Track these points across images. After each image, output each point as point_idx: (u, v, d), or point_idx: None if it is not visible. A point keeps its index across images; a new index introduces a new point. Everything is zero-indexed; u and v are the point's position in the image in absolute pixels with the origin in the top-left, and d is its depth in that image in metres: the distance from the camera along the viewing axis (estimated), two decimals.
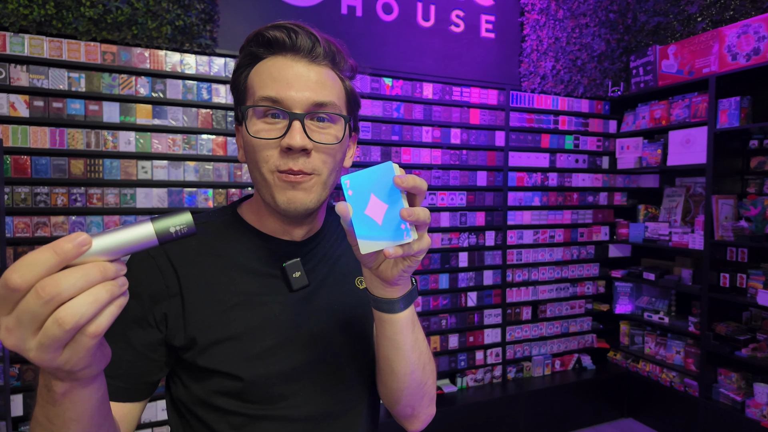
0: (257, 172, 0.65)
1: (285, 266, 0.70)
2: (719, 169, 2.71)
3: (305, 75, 0.64)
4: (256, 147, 0.64)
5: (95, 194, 2.12)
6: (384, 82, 2.64)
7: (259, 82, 0.64)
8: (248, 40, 0.66)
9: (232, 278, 0.68)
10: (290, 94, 0.62)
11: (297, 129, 0.62)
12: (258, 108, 0.64)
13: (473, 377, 2.95)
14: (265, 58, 0.65)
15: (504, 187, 2.97)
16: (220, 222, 0.73)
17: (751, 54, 2.54)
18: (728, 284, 2.67)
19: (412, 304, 0.64)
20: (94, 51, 2.09)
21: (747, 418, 2.52)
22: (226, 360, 0.65)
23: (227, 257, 0.70)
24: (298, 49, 0.64)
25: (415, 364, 0.67)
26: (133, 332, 0.65)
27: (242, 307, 0.68)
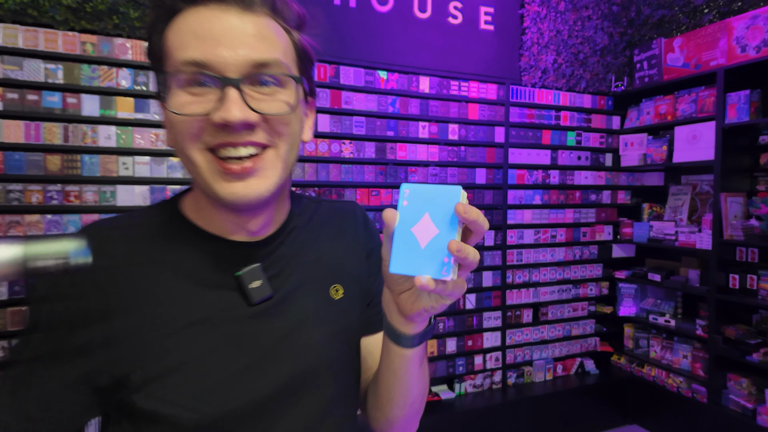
0: (186, 159, 0.52)
1: (240, 275, 0.56)
2: (728, 166, 2.61)
3: (238, 28, 0.50)
4: (181, 126, 0.50)
5: (73, 192, 2.01)
6: (379, 75, 2.54)
7: (179, 41, 0.50)
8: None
9: (174, 293, 0.55)
10: (220, 54, 0.49)
11: (233, 99, 0.49)
12: (179, 76, 0.49)
13: (472, 383, 2.84)
14: (184, 10, 0.50)
15: (504, 185, 2.86)
16: (157, 222, 0.59)
17: (761, 46, 2.44)
18: (738, 285, 2.56)
19: (425, 341, 0.57)
20: (72, 41, 1.98)
21: (759, 425, 2.42)
22: (171, 399, 0.52)
23: (167, 267, 0.55)
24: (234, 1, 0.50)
25: (416, 398, 0.63)
26: (46, 370, 0.51)
27: (189, 329, 0.54)
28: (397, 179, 2.60)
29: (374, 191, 2.55)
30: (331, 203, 0.72)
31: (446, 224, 0.46)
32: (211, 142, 0.50)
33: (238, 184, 0.51)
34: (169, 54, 0.51)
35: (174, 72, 0.49)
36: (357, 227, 0.71)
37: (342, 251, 0.68)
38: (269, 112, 0.51)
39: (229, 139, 0.50)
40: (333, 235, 0.68)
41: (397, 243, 0.48)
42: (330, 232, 0.68)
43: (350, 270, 0.67)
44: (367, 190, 2.53)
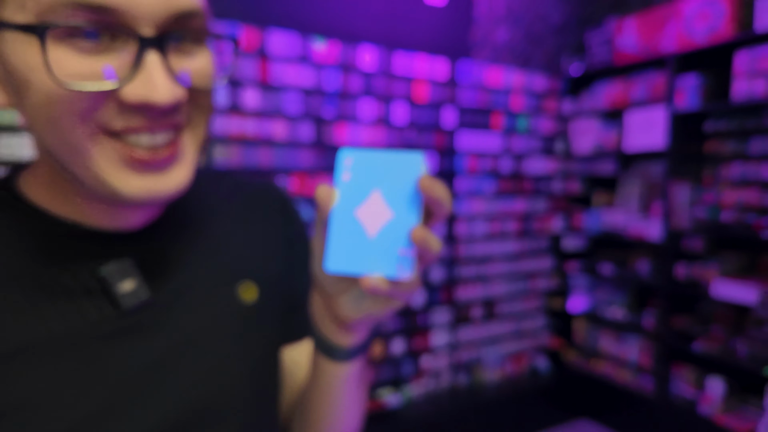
0: (63, 143, 0.35)
1: (103, 275, 0.41)
2: (676, 153, 2.57)
3: None
4: (61, 100, 0.33)
5: None
6: (315, 44, 2.23)
7: None
8: None
9: (15, 304, 0.38)
10: None
11: (158, 70, 0.34)
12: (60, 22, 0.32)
13: (419, 384, 2.65)
14: None
15: (452, 173, 2.68)
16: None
17: (708, 31, 2.39)
18: (685, 275, 2.55)
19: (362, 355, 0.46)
20: None
21: (701, 413, 2.44)
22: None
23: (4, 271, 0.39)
24: None
25: (350, 422, 0.50)
26: None
27: (34, 352, 0.38)
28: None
29: (312, 177, 2.27)
30: (240, 179, 0.56)
31: (404, 205, 0.35)
32: (114, 125, 0.35)
33: (150, 178, 0.38)
34: None
35: (48, 12, 0.31)
36: (273, 210, 0.55)
37: (253, 240, 0.52)
38: (199, 82, 0.38)
39: (144, 123, 0.36)
40: (241, 219, 0.52)
41: (335, 231, 0.36)
42: (237, 216, 0.52)
43: (266, 264, 0.53)
44: (302, 176, 2.24)
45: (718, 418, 2.35)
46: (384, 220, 0.35)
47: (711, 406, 2.41)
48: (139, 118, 0.35)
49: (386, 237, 0.35)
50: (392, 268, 0.35)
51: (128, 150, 0.36)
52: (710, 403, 2.42)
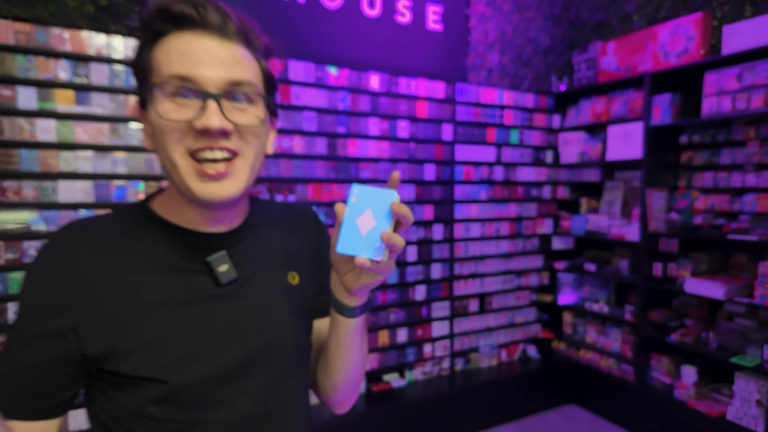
0: (167, 159, 0.60)
1: (209, 260, 0.65)
2: (653, 163, 2.83)
3: (218, 52, 0.59)
4: (165, 129, 0.58)
5: (11, 187, 1.94)
6: (329, 71, 2.57)
7: (166, 59, 0.58)
8: (150, 14, 0.59)
9: (149, 278, 0.63)
10: (202, 72, 0.57)
11: (213, 109, 0.57)
12: (165, 88, 0.58)
13: (422, 370, 2.96)
14: (171, 33, 0.58)
15: (451, 181, 2.98)
16: (129, 219, 0.67)
17: (680, 53, 2.65)
18: (661, 273, 2.79)
19: (365, 313, 0.70)
20: (5, 30, 1.90)
21: (675, 398, 2.67)
22: (151, 365, 0.60)
23: (141, 255, 0.63)
24: (208, 24, 0.59)
25: (357, 365, 0.75)
26: (36, 348, 0.59)
27: (165, 307, 0.62)
28: (349, 175, 2.66)
29: (326, 186, 2.60)
30: (285, 205, 0.83)
31: (382, 218, 0.58)
32: (192, 146, 0.59)
33: (213, 185, 0.60)
34: (156, 69, 0.59)
35: (161, 83, 0.58)
36: (309, 225, 0.82)
37: (296, 245, 0.78)
38: (242, 122, 0.61)
39: (207, 143, 0.59)
40: (288, 231, 0.78)
41: (344, 230, 0.59)
42: (285, 229, 0.78)
43: (304, 261, 0.78)
44: (318, 186, 2.57)
45: (692, 403, 2.57)
46: (371, 226, 0.58)
47: (685, 392, 2.64)
48: (202, 140, 0.58)
49: (371, 235, 0.58)
50: (372, 253, 0.58)
51: (200, 167, 0.59)
52: (685, 389, 2.65)
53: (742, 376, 2.40)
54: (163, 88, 0.58)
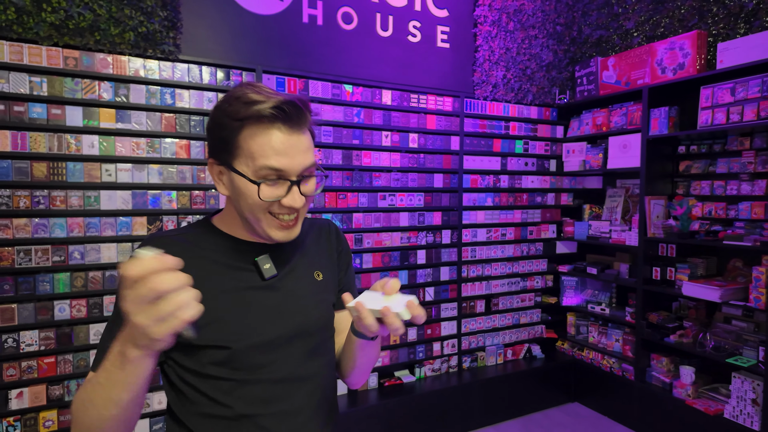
0: (251, 213, 0.81)
1: (257, 260, 0.87)
2: (652, 172, 2.97)
3: (297, 144, 0.78)
4: (258, 202, 0.78)
5: (59, 197, 2.16)
6: (345, 88, 2.77)
7: (261, 151, 0.76)
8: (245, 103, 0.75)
9: (215, 273, 0.83)
10: (291, 165, 0.78)
11: (296, 192, 0.80)
12: (261, 173, 0.77)
13: (431, 367, 3.12)
14: (262, 125, 0.76)
15: (459, 189, 3.15)
16: (198, 231, 0.88)
17: (677, 68, 2.80)
18: (659, 277, 2.92)
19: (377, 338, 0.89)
20: (56, 56, 2.12)
21: (674, 397, 2.79)
22: (215, 336, 0.80)
23: (207, 257, 0.84)
24: (294, 123, 0.77)
25: (368, 362, 0.96)
26: None
27: (225, 295, 0.83)
28: (363, 184, 2.84)
29: (342, 195, 2.79)
30: (313, 220, 1.04)
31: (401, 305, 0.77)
32: (277, 212, 0.81)
33: (285, 232, 0.84)
34: (249, 152, 0.77)
35: (258, 170, 0.77)
36: (331, 236, 1.03)
37: (320, 250, 0.99)
38: (309, 194, 0.83)
39: (288, 212, 0.82)
40: (314, 240, 1.00)
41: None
42: (313, 238, 0.99)
43: (326, 263, 0.99)
44: (335, 194, 2.76)
45: (690, 402, 2.69)
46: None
47: (684, 390, 2.76)
48: (286, 210, 0.81)
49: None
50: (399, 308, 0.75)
51: (278, 222, 0.82)
52: (683, 388, 2.77)
53: (739, 376, 2.52)
54: (260, 173, 0.77)
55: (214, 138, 0.81)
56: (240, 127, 0.77)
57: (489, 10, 3.16)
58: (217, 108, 0.80)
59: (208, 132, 0.82)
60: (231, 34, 2.52)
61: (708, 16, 2.82)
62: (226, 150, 0.79)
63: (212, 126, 0.81)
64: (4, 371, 2.06)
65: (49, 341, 2.14)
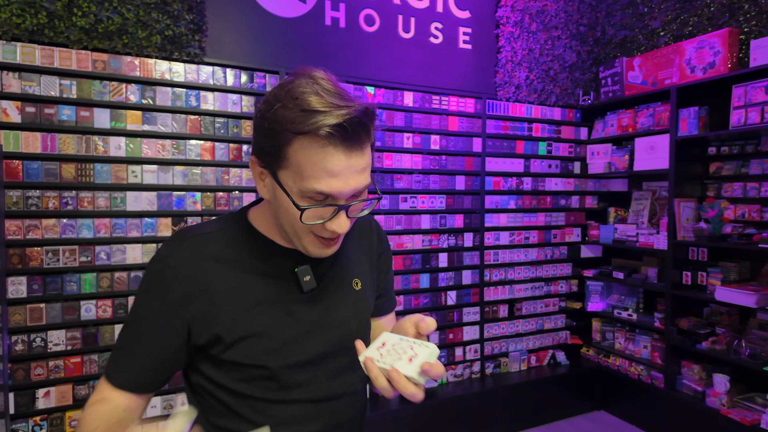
0: (292, 230, 0.72)
1: (297, 271, 0.78)
2: (680, 174, 2.90)
3: (355, 166, 0.66)
4: (302, 222, 0.69)
5: (86, 197, 2.18)
6: (366, 90, 2.76)
7: (312, 172, 0.65)
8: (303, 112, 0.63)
9: (250, 282, 0.75)
10: (343, 190, 0.66)
11: (344, 217, 0.69)
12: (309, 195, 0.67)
13: (453, 372, 3.07)
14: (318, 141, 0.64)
15: (481, 191, 3.11)
16: (233, 230, 0.79)
17: (707, 67, 2.73)
18: (690, 282, 2.84)
19: None
20: (85, 59, 2.16)
21: (707, 406, 2.69)
22: (250, 353, 0.73)
23: (244, 263, 0.76)
24: (355, 143, 0.65)
25: None
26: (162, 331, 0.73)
27: (261, 306, 0.75)
28: (384, 186, 2.82)
29: None
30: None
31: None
32: (321, 234, 0.72)
33: (326, 249, 0.74)
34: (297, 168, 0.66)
35: (306, 191, 0.66)
36: (371, 235, 0.94)
37: (360, 253, 0.90)
38: (356, 216, 0.74)
39: (331, 236, 0.72)
40: (355, 242, 0.90)
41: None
42: (353, 239, 0.90)
43: (365, 268, 0.90)
44: None
45: (725, 412, 2.58)
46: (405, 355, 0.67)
47: (718, 400, 2.66)
48: (329, 233, 0.71)
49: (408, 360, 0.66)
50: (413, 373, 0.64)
51: (320, 240, 0.72)
52: (717, 397, 2.67)
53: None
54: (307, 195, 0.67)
55: (261, 138, 0.69)
56: (292, 138, 0.65)
57: (511, 11, 3.13)
58: (269, 106, 0.67)
59: (256, 128, 0.71)
60: (255, 37, 2.54)
61: (739, 13, 2.75)
62: (273, 155, 0.68)
63: (260, 125, 0.69)
64: (32, 370, 2.08)
65: (75, 341, 2.16)
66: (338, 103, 0.63)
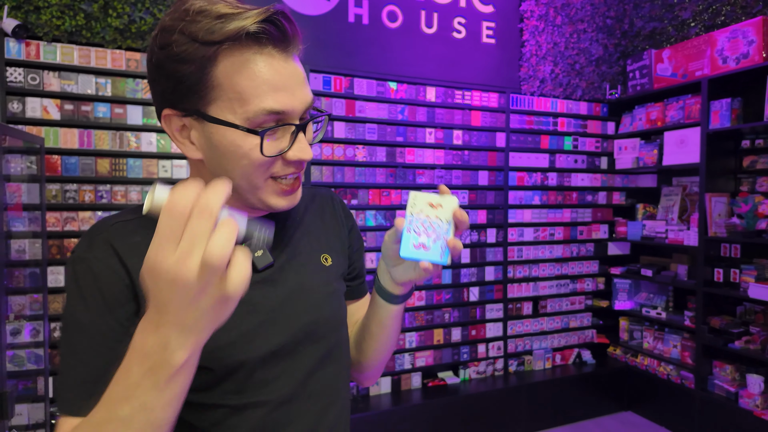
0: (246, 181, 0.59)
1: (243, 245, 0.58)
2: (712, 168, 2.81)
3: (297, 73, 0.57)
4: (255, 161, 0.57)
5: (119, 191, 2.27)
6: (389, 86, 2.78)
7: (253, 88, 0.54)
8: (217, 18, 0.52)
9: None
10: (294, 104, 0.57)
11: (303, 140, 0.59)
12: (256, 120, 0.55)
13: (475, 369, 3.06)
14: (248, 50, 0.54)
15: (505, 187, 3.09)
16: None
17: (740, 57, 2.65)
18: (722, 279, 2.75)
19: (405, 301, 0.75)
20: (119, 58, 2.25)
21: (740, 408, 2.61)
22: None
23: None
24: (289, 44, 0.56)
25: (392, 344, 0.80)
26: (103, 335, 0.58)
27: None
28: (406, 181, 2.84)
29: (385, 192, 2.79)
30: (310, 189, 0.82)
31: (444, 223, 0.63)
32: (280, 173, 0.60)
33: (288, 199, 0.63)
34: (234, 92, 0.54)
35: (253, 116, 0.54)
36: (336, 210, 0.83)
37: (326, 228, 0.79)
38: (311, 141, 0.63)
39: (295, 169, 0.61)
40: (316, 215, 0.79)
41: (406, 236, 0.62)
42: (314, 213, 0.79)
43: (334, 243, 0.79)
44: (378, 191, 2.77)
45: (759, 413, 2.50)
46: (434, 233, 0.62)
47: (752, 401, 2.57)
48: (291, 167, 0.60)
49: (436, 241, 0.62)
50: (437, 257, 0.61)
51: (281, 186, 0.61)
52: (751, 398, 2.59)
53: None
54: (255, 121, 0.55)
55: (171, 77, 0.54)
56: (215, 56, 0.53)
57: (536, 5, 3.10)
58: (169, 32, 0.53)
59: (157, 70, 0.55)
60: None
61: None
62: (195, 91, 0.54)
63: (164, 60, 0.54)
64: None
65: None
66: (249, 7, 0.54)
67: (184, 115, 0.57)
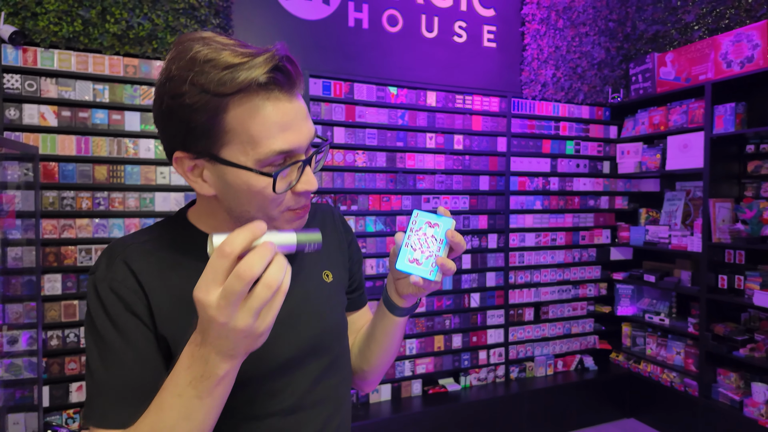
0: (263, 213, 0.62)
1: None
2: (716, 173, 2.78)
3: (301, 110, 0.60)
4: (270, 198, 0.60)
5: (117, 198, 2.25)
6: (389, 90, 2.76)
7: (263, 131, 0.56)
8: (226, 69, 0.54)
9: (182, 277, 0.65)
10: (300, 141, 0.59)
11: (311, 173, 0.62)
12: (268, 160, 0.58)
13: (476, 376, 3.03)
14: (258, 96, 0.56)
15: (506, 191, 3.06)
16: (172, 234, 0.69)
17: (744, 61, 2.61)
18: (726, 286, 2.72)
19: (409, 314, 0.79)
20: (117, 64, 2.23)
21: (745, 417, 2.57)
22: None
23: (190, 268, 0.64)
24: (293, 84, 0.59)
25: (395, 352, 0.85)
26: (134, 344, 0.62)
27: None
28: (406, 186, 2.81)
29: (385, 197, 2.77)
30: (312, 205, 0.84)
31: (438, 243, 0.67)
32: (294, 205, 0.63)
33: (298, 222, 0.66)
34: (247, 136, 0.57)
35: (264, 157, 0.57)
36: (336, 224, 0.86)
37: (328, 244, 0.82)
38: (317, 170, 0.67)
39: (306, 201, 0.65)
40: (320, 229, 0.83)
41: (403, 249, 0.68)
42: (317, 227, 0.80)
43: (335, 258, 0.83)
44: (378, 197, 2.75)
45: (764, 422, 2.46)
46: (427, 249, 0.67)
47: (756, 410, 2.53)
48: (302, 199, 0.64)
49: (427, 258, 0.67)
50: (426, 274, 0.66)
51: (293, 214, 0.64)
52: (756, 407, 2.55)
53: None
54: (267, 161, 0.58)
55: (183, 123, 0.57)
56: (227, 104, 0.55)
57: (537, 8, 3.08)
58: (178, 82, 0.55)
59: (167, 115, 0.58)
60: (279, 40, 2.56)
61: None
62: (207, 136, 0.57)
63: (175, 108, 0.56)
64: (66, 365, 2.16)
65: None
66: (253, 51, 0.56)
67: (196, 156, 0.60)
